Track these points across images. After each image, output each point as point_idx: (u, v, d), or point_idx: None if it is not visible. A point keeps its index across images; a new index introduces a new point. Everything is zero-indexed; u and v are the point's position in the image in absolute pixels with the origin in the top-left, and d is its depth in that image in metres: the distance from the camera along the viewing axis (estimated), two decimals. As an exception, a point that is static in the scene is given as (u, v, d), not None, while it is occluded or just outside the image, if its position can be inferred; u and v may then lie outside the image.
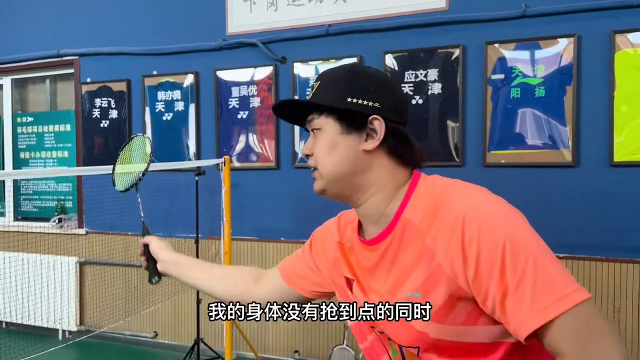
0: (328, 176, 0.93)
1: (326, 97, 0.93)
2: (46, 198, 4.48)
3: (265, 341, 3.64)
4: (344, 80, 0.93)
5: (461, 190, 0.88)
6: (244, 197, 3.63)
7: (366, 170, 0.93)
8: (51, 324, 4.17)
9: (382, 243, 0.93)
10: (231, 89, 3.66)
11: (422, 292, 0.86)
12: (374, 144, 0.91)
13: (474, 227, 0.80)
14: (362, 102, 0.91)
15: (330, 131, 0.93)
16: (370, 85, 0.92)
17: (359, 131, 0.92)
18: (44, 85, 4.56)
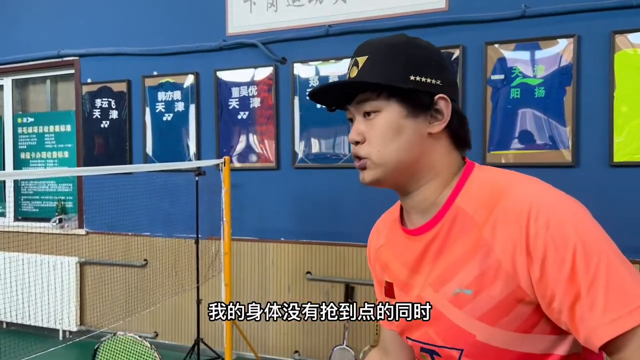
0: (388, 165, 0.83)
1: (384, 75, 0.81)
2: (46, 198, 4.48)
3: (266, 341, 3.64)
4: (402, 55, 0.82)
5: (524, 181, 0.80)
6: (244, 197, 3.63)
7: (428, 154, 0.84)
8: (51, 324, 4.18)
9: (428, 232, 0.85)
10: (231, 90, 3.66)
11: (474, 289, 0.77)
12: (440, 125, 0.83)
13: (541, 221, 0.71)
14: (427, 80, 0.81)
15: (394, 114, 0.82)
16: (431, 60, 0.83)
17: (425, 112, 0.83)
18: (45, 86, 4.56)
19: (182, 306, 3.87)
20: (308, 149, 3.48)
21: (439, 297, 0.82)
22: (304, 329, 3.53)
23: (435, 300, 0.83)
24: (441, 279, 0.82)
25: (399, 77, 0.80)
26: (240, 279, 3.66)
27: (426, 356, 0.88)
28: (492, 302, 0.76)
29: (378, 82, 0.81)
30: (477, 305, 0.77)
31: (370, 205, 3.34)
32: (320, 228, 3.45)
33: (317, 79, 3.42)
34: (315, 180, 3.48)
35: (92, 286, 4.15)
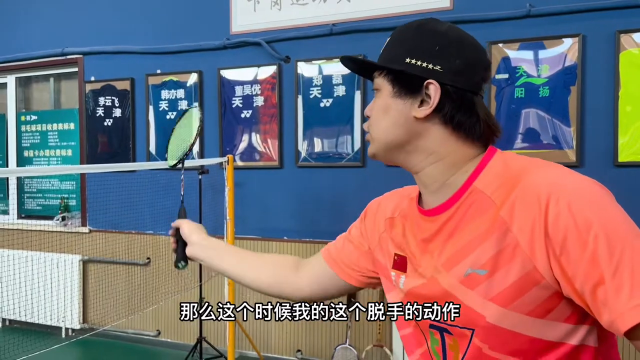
0: (378, 141, 0.88)
1: (388, 56, 0.86)
2: (50, 196, 4.49)
3: (268, 340, 3.64)
4: (408, 38, 0.85)
5: (546, 165, 0.79)
6: (247, 196, 3.63)
7: (419, 138, 0.85)
8: (54, 322, 4.18)
9: (444, 214, 0.85)
10: (235, 88, 3.66)
11: (489, 269, 0.77)
12: (426, 111, 0.83)
13: (562, 203, 0.70)
14: (421, 63, 0.82)
15: (385, 93, 0.87)
16: (435, 45, 0.83)
17: (412, 95, 0.84)
18: (48, 84, 4.57)
19: (185, 304, 3.87)
20: (311, 147, 3.48)
21: (449, 277, 0.82)
22: (307, 328, 3.53)
23: (446, 281, 0.82)
24: (453, 259, 0.82)
25: (397, 59, 0.84)
26: (242, 278, 3.66)
27: (435, 333, 0.87)
28: (506, 282, 0.75)
29: (371, 62, 0.88)
30: (490, 286, 0.76)
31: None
32: (323, 227, 3.45)
33: (320, 78, 3.42)
34: (318, 179, 3.48)
35: (95, 284, 4.16)
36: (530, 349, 0.76)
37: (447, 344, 0.85)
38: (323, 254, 1.10)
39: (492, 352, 0.79)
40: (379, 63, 0.87)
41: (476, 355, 0.80)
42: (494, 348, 0.78)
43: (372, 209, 1.06)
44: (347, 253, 1.06)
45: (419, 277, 0.88)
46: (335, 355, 3.29)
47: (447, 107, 0.82)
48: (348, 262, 1.06)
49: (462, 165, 0.84)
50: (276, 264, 1.15)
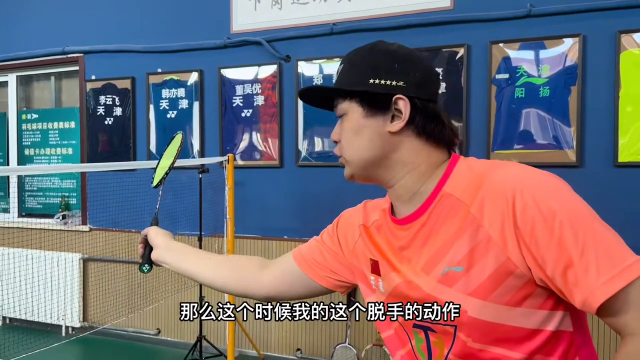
0: (355, 162, 0.91)
1: (348, 81, 0.90)
2: (50, 195, 4.49)
3: (268, 339, 3.64)
4: (365, 60, 0.89)
5: (505, 164, 0.85)
6: (248, 195, 3.64)
7: (394, 152, 0.89)
8: (54, 320, 4.19)
9: (417, 221, 0.89)
10: (235, 87, 3.67)
11: (465, 265, 0.81)
12: (399, 125, 0.87)
13: (527, 196, 0.76)
14: (385, 82, 0.87)
15: (354, 115, 0.90)
16: (393, 63, 0.88)
17: (383, 113, 0.88)
18: (49, 82, 4.57)
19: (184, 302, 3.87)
20: (312, 147, 3.48)
21: (430, 280, 0.85)
22: (307, 327, 3.53)
23: (426, 284, 0.86)
24: (431, 261, 0.86)
25: (359, 81, 0.88)
26: (242, 277, 3.66)
27: (419, 332, 0.91)
28: (483, 275, 0.79)
29: (338, 88, 0.91)
30: (468, 281, 0.81)
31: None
32: (323, 226, 3.41)
33: (321, 77, 3.42)
34: (318, 178, 3.48)
35: (95, 282, 4.17)
36: (511, 337, 0.80)
37: (431, 341, 0.89)
38: (293, 254, 1.13)
39: (476, 344, 0.82)
40: (341, 87, 0.90)
41: (461, 349, 0.84)
42: (477, 340, 0.82)
43: (344, 217, 1.10)
44: (318, 254, 1.09)
45: (396, 278, 0.92)
46: (335, 354, 3.29)
47: (418, 118, 0.88)
48: (318, 263, 1.09)
49: (431, 173, 0.90)
50: (240, 263, 1.19)
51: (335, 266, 1.07)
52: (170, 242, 1.20)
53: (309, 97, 0.99)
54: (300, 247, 1.14)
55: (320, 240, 1.11)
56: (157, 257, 1.19)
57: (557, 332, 0.80)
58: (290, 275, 1.11)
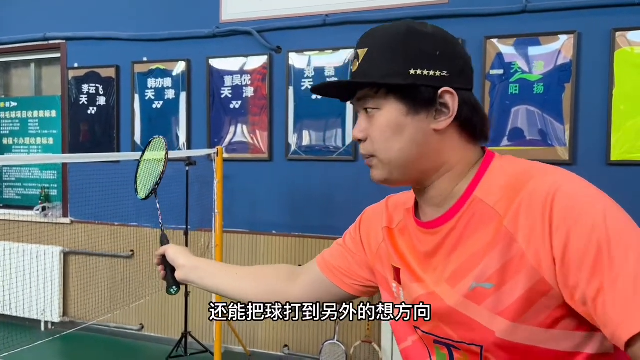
0: (393, 164, 0.80)
1: (382, 70, 0.77)
2: (30, 186, 4.35)
3: (255, 335, 3.58)
4: (402, 46, 0.77)
5: (548, 169, 0.75)
6: (235, 188, 3.56)
7: (436, 151, 0.80)
8: (34, 315, 4.07)
9: (444, 226, 0.80)
10: (224, 78, 3.58)
11: (495, 282, 0.73)
12: (446, 121, 0.78)
13: (566, 209, 0.67)
14: (429, 72, 0.76)
15: (393, 113, 0.78)
16: (435, 49, 0.77)
17: (428, 108, 0.78)
18: (29, 70, 4.42)
19: (170, 298, 3.79)
20: (302, 140, 3.41)
21: (454, 293, 0.78)
22: (294, 323, 3.48)
23: (449, 297, 0.78)
24: (458, 274, 0.78)
25: (398, 72, 0.76)
26: (229, 272, 3.59)
27: (441, 348, 0.84)
28: (514, 295, 0.71)
29: (375, 82, 0.78)
30: (498, 300, 0.73)
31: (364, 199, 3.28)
32: (313, 221, 3.40)
33: (312, 70, 3.36)
34: (308, 172, 3.42)
35: (76, 277, 4.05)
36: (543, 359, 0.72)
37: (455, 358, 0.82)
38: (318, 261, 1.06)
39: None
40: (379, 80, 0.78)
41: None
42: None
43: (367, 217, 1.02)
44: (342, 260, 1.03)
45: (417, 289, 0.85)
46: (323, 351, 3.25)
47: (464, 112, 0.79)
48: (343, 270, 1.02)
49: (466, 173, 0.81)
50: (269, 276, 1.12)
51: (360, 272, 1.01)
52: (193, 260, 1.15)
53: (323, 88, 0.86)
54: (324, 253, 1.07)
55: (344, 244, 1.04)
56: (183, 277, 1.15)
57: (597, 355, 0.72)
58: (318, 285, 1.04)
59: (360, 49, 0.80)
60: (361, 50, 0.80)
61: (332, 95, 0.88)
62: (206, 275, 1.13)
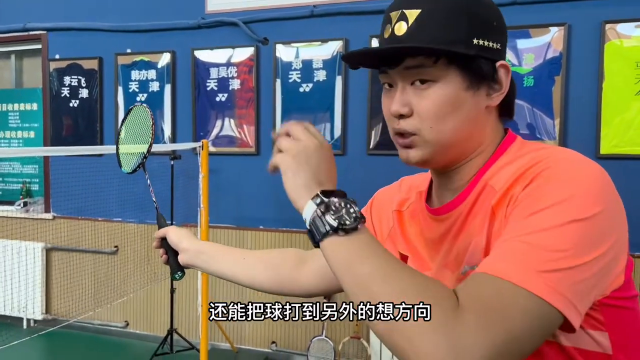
0: (440, 143, 0.71)
1: (443, 37, 0.67)
2: (10, 180, 4.24)
3: (242, 332, 3.53)
4: (465, 11, 0.68)
5: (566, 155, 0.66)
6: (221, 183, 3.50)
7: (481, 131, 0.73)
8: (15, 312, 3.98)
9: (453, 212, 0.75)
10: (209, 70, 3.50)
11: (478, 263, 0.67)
12: (498, 97, 0.71)
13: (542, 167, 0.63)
14: (489, 44, 0.69)
15: (452, 86, 0.69)
16: (492, 19, 0.70)
17: (486, 83, 0.71)
18: (9, 62, 4.30)
19: (155, 295, 3.73)
20: (289, 134, 3.35)
21: (452, 279, 0.74)
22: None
23: (450, 283, 0.74)
24: (458, 259, 0.74)
25: (461, 40, 0.67)
26: (216, 268, 3.53)
27: None
28: None
29: (440, 48, 0.67)
30: None
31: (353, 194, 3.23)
32: (300, 216, 3.33)
33: (300, 62, 3.29)
34: (296, 166, 3.36)
35: (59, 273, 3.96)
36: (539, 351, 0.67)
37: None
38: None
39: None
40: (440, 47, 0.67)
41: None
42: None
43: (378, 199, 0.96)
44: None
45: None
46: (311, 347, 3.21)
47: (510, 89, 0.73)
48: None
49: (488, 155, 0.75)
50: (275, 261, 1.06)
51: None
52: (197, 244, 1.08)
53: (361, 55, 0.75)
54: None
55: None
56: (187, 262, 1.08)
57: (575, 349, 0.66)
58: (327, 270, 0.96)
59: (409, 9, 0.69)
60: (411, 11, 0.69)
61: (366, 64, 0.77)
62: (212, 260, 1.06)
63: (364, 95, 3.17)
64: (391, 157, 3.05)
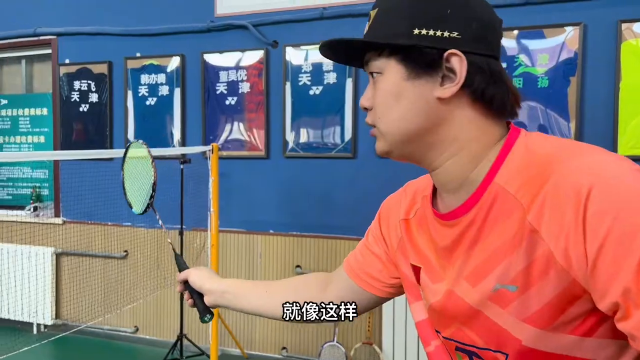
0: (392, 134, 0.72)
1: (384, 31, 0.70)
2: (21, 185, 4.25)
3: (252, 337, 3.50)
4: (409, 4, 0.69)
5: (581, 149, 0.63)
6: (231, 187, 3.47)
7: (443, 124, 0.70)
8: (25, 317, 3.97)
9: (463, 217, 0.71)
10: (219, 74, 3.48)
11: (519, 285, 0.64)
12: (451, 88, 0.68)
13: (605, 201, 0.56)
14: (435, 33, 0.67)
15: (393, 76, 0.70)
16: (445, 7, 0.68)
17: (431, 73, 0.68)
18: (20, 66, 4.31)
19: (165, 300, 3.71)
20: (299, 137, 3.33)
21: (476, 293, 0.69)
22: (293, 325, 3.40)
23: (471, 297, 0.70)
24: (479, 271, 0.69)
25: (402, 32, 0.68)
26: (226, 273, 3.51)
27: (463, 356, 0.76)
28: (542, 301, 0.62)
29: (370, 41, 0.71)
30: (523, 305, 0.64)
31: (364, 198, 3.21)
32: (311, 220, 3.31)
33: (310, 65, 3.27)
34: (306, 170, 3.33)
35: (69, 278, 3.95)
36: None
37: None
38: (345, 266, 0.99)
39: None
40: (379, 40, 0.70)
41: None
42: None
43: (385, 209, 0.93)
44: (369, 263, 0.94)
45: (438, 290, 0.77)
46: (323, 353, 3.17)
47: (477, 80, 0.68)
48: (371, 273, 0.94)
49: (485, 155, 0.70)
50: (299, 288, 1.05)
51: (388, 272, 0.92)
52: (220, 284, 1.08)
53: (333, 51, 0.78)
54: (349, 256, 1.00)
55: (367, 243, 0.96)
56: (214, 303, 1.08)
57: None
58: (350, 292, 0.96)
59: (372, 9, 0.73)
60: (373, 11, 0.73)
61: (342, 60, 0.80)
62: (237, 298, 1.07)
63: (375, 98, 3.13)
64: (403, 160, 3.01)
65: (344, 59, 0.80)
